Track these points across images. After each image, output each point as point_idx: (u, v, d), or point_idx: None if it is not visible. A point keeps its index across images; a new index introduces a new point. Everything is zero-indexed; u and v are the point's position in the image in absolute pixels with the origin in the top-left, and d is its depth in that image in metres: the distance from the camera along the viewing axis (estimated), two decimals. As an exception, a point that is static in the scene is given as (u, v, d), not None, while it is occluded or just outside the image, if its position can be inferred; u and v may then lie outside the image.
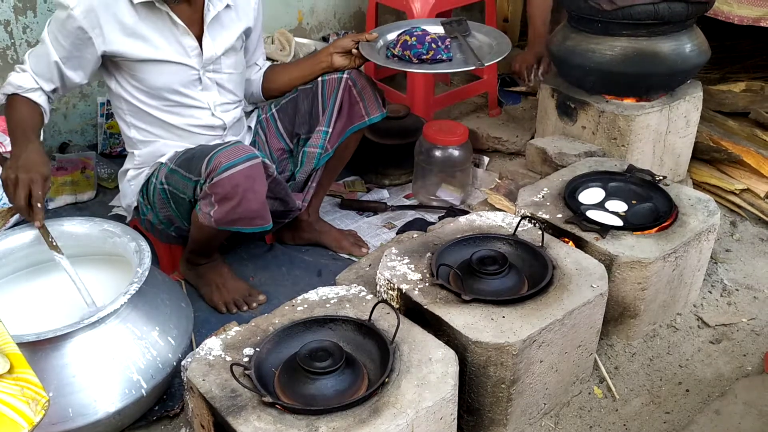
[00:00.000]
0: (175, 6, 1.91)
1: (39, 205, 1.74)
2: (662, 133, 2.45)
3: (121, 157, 2.85)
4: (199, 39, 1.97)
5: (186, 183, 1.89)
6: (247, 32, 2.13)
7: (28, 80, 1.90)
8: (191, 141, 2.05)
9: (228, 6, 2.01)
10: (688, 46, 2.35)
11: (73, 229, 1.83)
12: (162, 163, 2.00)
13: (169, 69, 1.95)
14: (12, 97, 1.91)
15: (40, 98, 1.91)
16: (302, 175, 2.20)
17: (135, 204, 2.09)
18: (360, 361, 1.46)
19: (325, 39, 3.29)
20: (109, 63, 1.94)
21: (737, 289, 2.21)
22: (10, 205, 2.33)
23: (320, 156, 2.15)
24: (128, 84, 1.97)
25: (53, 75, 1.91)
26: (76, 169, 2.61)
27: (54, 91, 1.94)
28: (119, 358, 1.57)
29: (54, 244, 1.76)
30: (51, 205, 2.56)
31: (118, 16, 1.86)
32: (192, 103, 2.03)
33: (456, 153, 2.58)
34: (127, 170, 2.10)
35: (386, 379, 1.39)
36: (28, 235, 1.81)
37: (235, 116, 2.15)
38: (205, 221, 1.88)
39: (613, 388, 1.84)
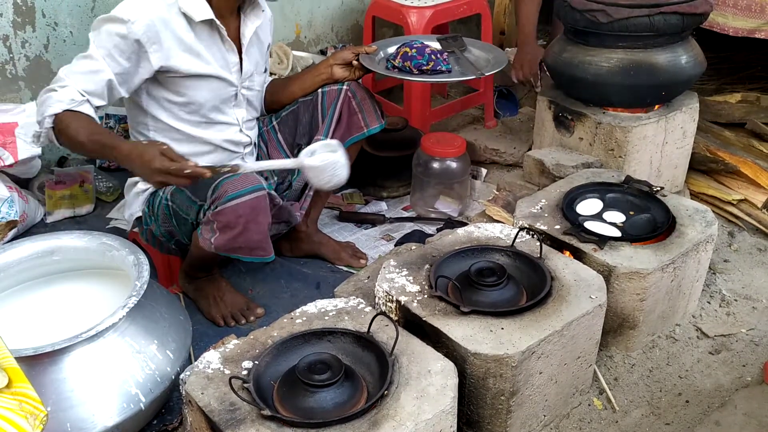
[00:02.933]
0: (224, 21, 1.93)
1: (187, 170, 1.67)
2: (659, 144, 2.46)
3: (119, 170, 2.86)
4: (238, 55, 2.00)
5: (190, 205, 1.88)
6: (268, 49, 2.17)
7: (76, 94, 1.79)
8: (214, 158, 2.05)
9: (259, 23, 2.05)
10: (684, 57, 2.36)
11: (71, 242, 1.82)
12: None
13: (213, 85, 1.97)
14: (64, 114, 1.76)
15: (89, 110, 1.81)
16: (299, 183, 2.21)
17: (139, 214, 2.07)
18: (359, 374, 1.46)
19: (322, 52, 3.31)
20: (150, 78, 1.91)
21: (736, 300, 2.21)
22: (9, 219, 2.34)
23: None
24: (165, 100, 1.95)
25: (104, 92, 1.83)
26: (75, 183, 2.61)
27: (98, 107, 1.85)
28: (117, 372, 1.56)
29: (227, 168, 1.77)
30: (49, 219, 2.56)
31: (176, 32, 1.86)
32: (225, 120, 2.05)
33: (454, 165, 2.58)
34: (137, 182, 2.06)
35: (385, 392, 1.39)
36: (26, 249, 1.80)
37: (255, 133, 2.18)
38: (205, 246, 1.88)
39: (613, 400, 1.84)
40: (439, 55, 2.19)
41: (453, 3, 2.96)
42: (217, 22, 1.91)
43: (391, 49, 2.27)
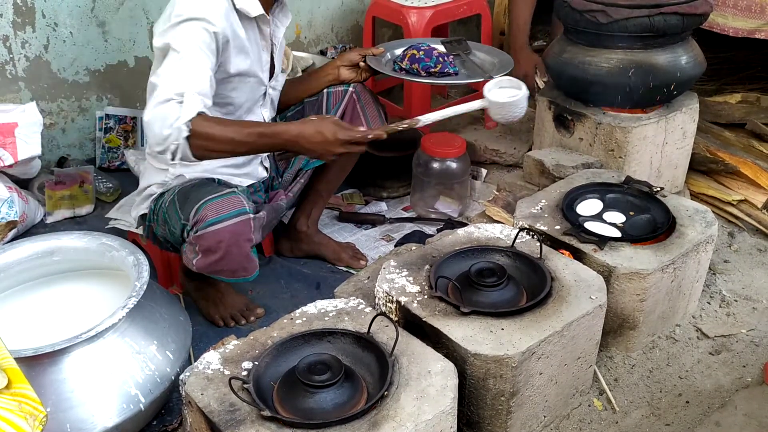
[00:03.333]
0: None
1: (369, 135, 1.77)
2: (659, 144, 2.46)
3: (119, 170, 2.86)
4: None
5: (177, 220, 1.86)
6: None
7: (198, 97, 1.69)
8: (237, 159, 2.04)
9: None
10: (684, 58, 2.36)
11: (71, 243, 1.83)
12: (186, 179, 1.98)
13: (251, 84, 1.97)
14: (198, 118, 1.67)
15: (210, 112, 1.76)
16: (289, 175, 2.22)
17: (145, 211, 2.04)
18: (359, 374, 1.46)
19: (322, 53, 3.31)
20: None
21: (736, 300, 2.20)
22: (9, 219, 2.34)
23: (310, 158, 2.16)
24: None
25: (209, 91, 1.75)
26: (75, 184, 2.61)
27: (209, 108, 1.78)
28: (117, 373, 1.56)
29: (404, 124, 1.82)
30: (49, 219, 2.55)
31: (233, 27, 1.84)
32: (254, 120, 2.06)
33: (454, 165, 2.58)
34: (149, 185, 2.04)
35: (385, 392, 1.39)
36: (26, 249, 1.81)
37: None
38: (188, 264, 1.89)
39: (613, 400, 1.84)
40: (446, 58, 2.21)
41: (453, 3, 2.96)
42: (267, 17, 1.91)
43: (398, 51, 2.29)
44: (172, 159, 1.69)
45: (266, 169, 2.18)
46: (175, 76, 1.70)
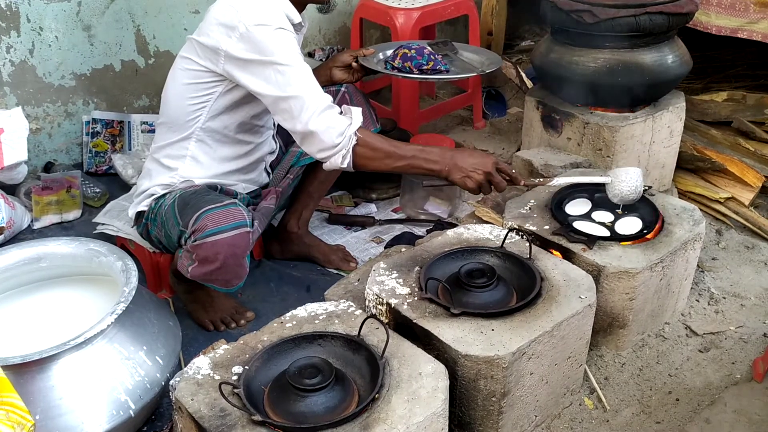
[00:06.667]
0: None
1: (513, 172, 1.87)
2: (646, 143, 2.47)
3: (107, 175, 2.84)
4: None
5: (175, 226, 1.87)
6: None
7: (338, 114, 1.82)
8: (245, 162, 2.08)
9: None
10: (670, 57, 2.38)
11: (58, 249, 1.81)
12: (193, 183, 1.98)
13: None
14: (362, 128, 1.83)
15: None
16: (280, 172, 2.22)
17: (143, 209, 2.03)
18: (350, 377, 1.46)
19: (310, 54, 3.30)
20: (233, 88, 1.91)
21: (724, 297, 2.22)
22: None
23: (301, 155, 2.16)
24: (239, 103, 1.94)
25: None
26: (62, 189, 2.60)
27: None
28: (106, 379, 1.55)
29: (539, 182, 2.00)
30: (36, 225, 2.54)
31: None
32: (268, 124, 2.10)
33: (443, 166, 2.58)
34: (153, 186, 2.03)
35: (376, 395, 1.39)
36: (13, 256, 1.79)
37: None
38: (182, 270, 1.89)
39: (604, 399, 1.84)
40: (436, 56, 2.25)
41: (440, 4, 2.96)
42: (304, 24, 1.96)
43: (389, 52, 2.32)
44: (341, 163, 1.81)
45: (268, 174, 2.22)
46: (312, 86, 1.78)
